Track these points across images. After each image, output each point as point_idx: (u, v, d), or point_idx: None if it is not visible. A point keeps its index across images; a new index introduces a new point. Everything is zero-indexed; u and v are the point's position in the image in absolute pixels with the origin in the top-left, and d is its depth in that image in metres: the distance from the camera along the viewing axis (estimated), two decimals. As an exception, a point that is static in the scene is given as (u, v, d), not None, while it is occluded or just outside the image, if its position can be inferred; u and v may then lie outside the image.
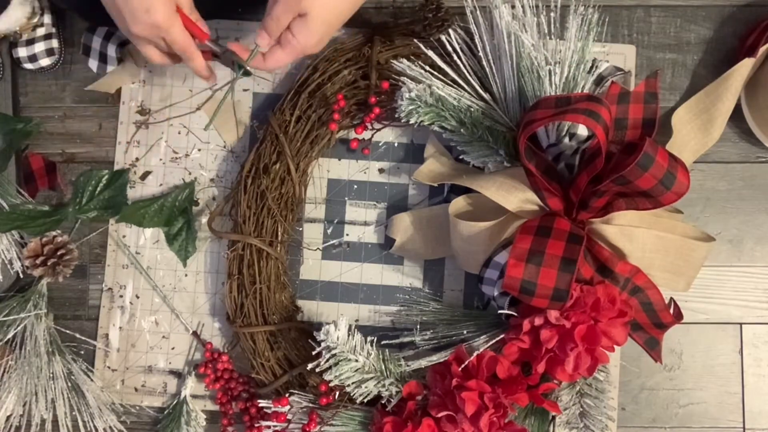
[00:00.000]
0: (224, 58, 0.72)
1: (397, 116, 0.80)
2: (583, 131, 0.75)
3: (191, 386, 0.88)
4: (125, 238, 0.90)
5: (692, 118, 0.84)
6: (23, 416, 0.86)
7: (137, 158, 0.91)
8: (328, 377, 0.77)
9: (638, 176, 0.66)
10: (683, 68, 0.90)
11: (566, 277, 0.69)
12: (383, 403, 0.79)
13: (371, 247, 0.89)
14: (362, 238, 0.89)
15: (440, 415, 0.73)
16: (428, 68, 0.80)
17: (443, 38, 0.81)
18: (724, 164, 0.89)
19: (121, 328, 0.90)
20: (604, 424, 0.79)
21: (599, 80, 0.85)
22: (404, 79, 0.79)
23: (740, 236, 0.89)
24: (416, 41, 0.82)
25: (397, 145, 0.90)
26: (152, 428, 0.89)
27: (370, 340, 0.79)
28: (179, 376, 0.89)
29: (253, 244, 0.84)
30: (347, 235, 0.90)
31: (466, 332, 0.80)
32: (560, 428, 0.81)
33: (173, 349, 0.90)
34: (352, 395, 0.79)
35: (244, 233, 0.84)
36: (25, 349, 0.86)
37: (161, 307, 0.90)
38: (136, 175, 0.91)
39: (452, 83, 0.81)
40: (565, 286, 0.69)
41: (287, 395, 0.81)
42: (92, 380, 0.87)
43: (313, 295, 0.89)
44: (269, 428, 0.80)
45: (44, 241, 0.86)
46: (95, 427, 0.87)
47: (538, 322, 0.72)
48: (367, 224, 0.90)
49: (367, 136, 0.89)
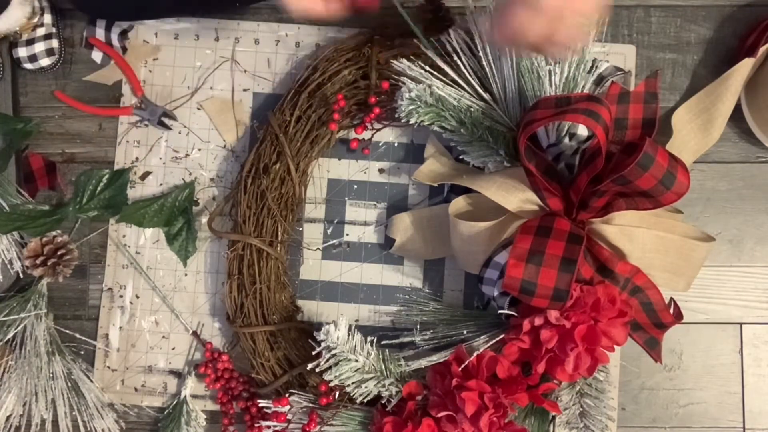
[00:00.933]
0: None
1: (397, 116, 0.80)
2: (583, 131, 0.75)
3: (191, 386, 0.88)
4: (125, 238, 0.90)
5: (692, 118, 0.84)
6: (23, 416, 0.86)
7: (137, 158, 0.91)
8: (328, 377, 0.77)
9: (638, 176, 0.66)
10: (683, 68, 0.90)
11: (566, 277, 0.69)
12: (383, 403, 0.79)
13: (371, 247, 0.89)
14: (362, 238, 0.89)
15: (440, 415, 0.73)
16: (428, 68, 0.80)
17: (443, 39, 0.81)
18: (724, 164, 0.89)
19: (121, 328, 0.90)
20: (604, 424, 0.79)
21: (599, 80, 0.85)
22: (404, 79, 0.79)
23: (740, 236, 0.89)
24: (416, 41, 0.82)
25: (397, 145, 0.90)
26: (152, 428, 0.89)
27: (370, 340, 0.79)
28: (179, 376, 0.89)
29: (253, 244, 0.84)
30: (347, 235, 0.90)
31: (466, 332, 0.80)
32: (560, 428, 0.81)
33: (173, 349, 0.90)
34: (352, 395, 0.78)
35: (244, 233, 0.84)
36: (25, 349, 0.86)
37: (161, 307, 0.90)
38: (136, 175, 0.91)
39: (452, 83, 0.81)
40: (565, 286, 0.69)
41: (287, 395, 0.81)
42: (91, 381, 0.87)
43: (313, 295, 0.89)
44: (269, 428, 0.80)
45: (44, 241, 0.86)
46: (95, 427, 0.87)
47: (538, 322, 0.72)
48: (367, 224, 0.90)
49: (367, 136, 0.89)
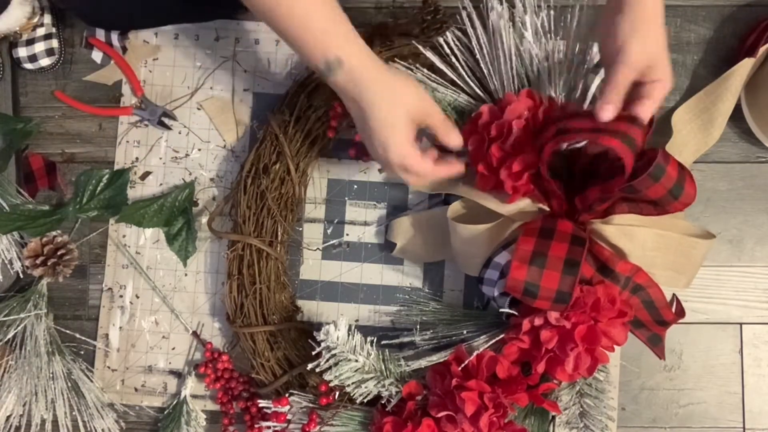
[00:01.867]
0: None
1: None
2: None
3: (191, 386, 0.88)
4: (125, 238, 0.90)
5: (692, 118, 0.84)
6: (23, 416, 0.86)
7: (137, 158, 0.91)
8: (328, 377, 0.77)
9: (649, 186, 0.66)
10: (683, 68, 0.90)
11: (569, 279, 0.69)
12: (383, 403, 0.79)
13: (371, 247, 0.89)
14: (362, 238, 0.89)
15: (440, 415, 0.73)
16: (426, 70, 0.80)
17: (441, 40, 0.81)
18: (724, 164, 0.89)
19: (121, 328, 0.90)
20: (604, 424, 0.79)
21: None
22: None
23: (740, 236, 0.89)
24: (414, 42, 0.82)
25: (397, 145, 0.90)
26: (152, 428, 0.89)
27: (370, 340, 0.79)
28: (179, 376, 0.89)
29: (253, 244, 0.84)
30: (347, 235, 0.90)
31: (466, 332, 0.80)
32: (560, 428, 0.81)
33: (173, 349, 0.90)
34: (352, 395, 0.78)
35: (244, 233, 0.84)
36: (25, 349, 0.86)
37: (161, 307, 0.90)
38: (136, 175, 0.91)
39: (451, 84, 0.80)
40: (567, 288, 0.69)
41: (287, 395, 0.81)
42: (91, 381, 0.87)
43: (313, 295, 0.89)
44: (269, 428, 0.80)
45: (44, 241, 0.86)
46: (95, 427, 0.87)
47: (538, 322, 0.72)
48: (367, 224, 0.90)
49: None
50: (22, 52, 0.89)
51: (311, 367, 0.78)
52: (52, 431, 0.87)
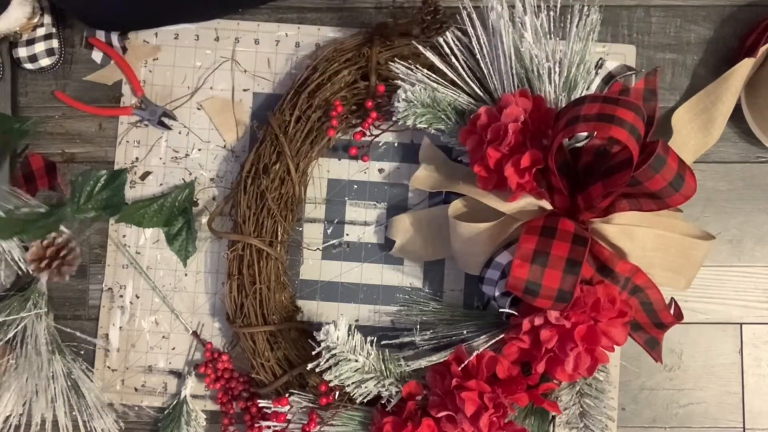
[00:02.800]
0: None
1: (394, 119, 0.80)
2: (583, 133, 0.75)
3: (191, 386, 0.88)
4: (125, 238, 0.90)
5: (692, 118, 0.84)
6: (23, 415, 0.86)
7: (137, 158, 0.91)
8: (328, 377, 0.77)
9: (649, 178, 0.66)
10: (683, 68, 0.90)
11: (571, 278, 0.69)
12: (383, 403, 0.79)
13: (371, 247, 0.89)
14: (362, 238, 0.89)
15: (440, 415, 0.73)
16: (426, 70, 0.80)
17: (441, 40, 0.81)
18: (724, 164, 0.89)
19: (121, 328, 0.90)
20: (604, 424, 0.79)
21: (608, 79, 0.85)
22: (399, 81, 0.79)
23: (740, 236, 0.89)
24: (414, 42, 0.82)
25: (397, 145, 0.90)
26: (152, 428, 0.89)
27: (370, 340, 0.79)
28: (179, 376, 0.89)
29: (253, 244, 0.84)
30: (347, 235, 0.90)
31: (466, 332, 0.80)
32: (560, 428, 0.81)
33: (173, 349, 0.90)
34: (352, 395, 0.78)
35: (244, 233, 0.84)
36: (25, 348, 0.86)
37: (161, 307, 0.90)
38: (136, 175, 0.91)
39: (451, 84, 0.80)
40: (569, 287, 0.69)
41: (287, 395, 0.81)
42: (91, 380, 0.87)
43: (313, 295, 0.89)
44: (269, 428, 0.80)
45: (45, 243, 0.86)
46: (95, 427, 0.87)
47: (538, 322, 0.72)
48: (367, 224, 0.90)
49: (366, 141, 0.89)
50: (22, 52, 0.89)
51: (311, 367, 0.78)
52: (51, 431, 0.87)
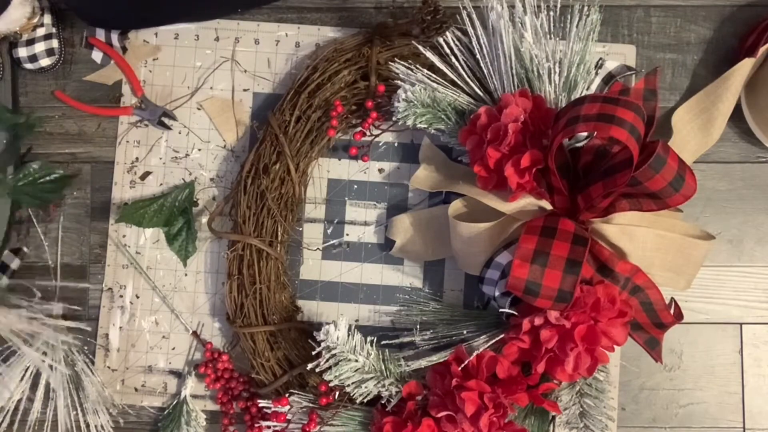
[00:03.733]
0: None
1: (394, 119, 0.80)
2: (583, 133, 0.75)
3: (191, 386, 0.88)
4: (125, 238, 0.90)
5: (692, 118, 0.84)
6: (19, 411, 0.86)
7: (137, 158, 0.91)
8: (328, 377, 0.77)
9: (649, 178, 0.66)
10: (683, 68, 0.90)
11: (571, 278, 0.69)
12: (383, 403, 0.79)
13: (371, 247, 0.89)
14: (362, 238, 0.89)
15: (440, 415, 0.73)
16: (426, 70, 0.80)
17: (441, 40, 0.81)
18: (724, 164, 0.89)
19: (121, 328, 0.90)
20: (604, 424, 0.79)
21: (609, 79, 0.85)
22: (399, 81, 0.80)
23: (740, 236, 0.89)
24: (414, 42, 0.82)
25: (397, 145, 0.90)
26: (152, 428, 0.89)
27: (370, 340, 0.79)
28: (179, 376, 0.89)
29: (252, 244, 0.84)
30: (347, 235, 0.90)
31: (466, 332, 0.80)
32: (560, 428, 0.81)
33: (173, 349, 0.90)
34: (352, 395, 0.78)
35: (244, 233, 0.84)
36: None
37: (161, 307, 0.90)
38: (136, 175, 0.91)
39: (451, 84, 0.80)
40: (569, 287, 0.69)
41: (287, 395, 0.81)
42: (93, 374, 0.87)
43: (313, 295, 0.89)
44: (269, 428, 0.80)
45: None
46: (93, 424, 0.87)
47: (538, 322, 0.72)
48: (367, 224, 0.90)
49: (366, 141, 0.89)
50: (22, 52, 0.89)
51: (311, 367, 0.78)
52: (51, 428, 0.87)
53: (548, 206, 0.76)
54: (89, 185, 0.91)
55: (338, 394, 0.80)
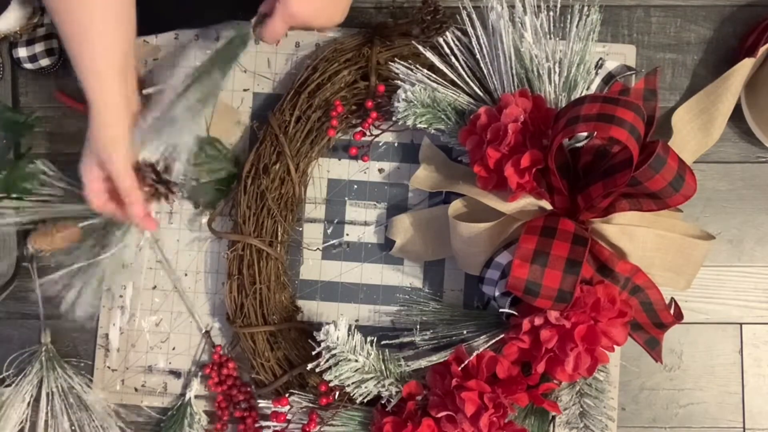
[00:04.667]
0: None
1: (394, 119, 0.80)
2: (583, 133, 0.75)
3: (195, 387, 0.88)
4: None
5: (692, 118, 0.84)
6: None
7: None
8: (328, 377, 0.77)
9: (649, 178, 0.66)
10: (683, 68, 0.90)
11: (571, 279, 0.69)
12: (383, 403, 0.79)
13: (371, 247, 0.89)
14: (362, 238, 0.89)
15: (440, 415, 0.73)
16: (426, 70, 0.80)
17: (441, 40, 0.81)
18: (724, 164, 0.89)
19: (121, 328, 0.90)
20: (604, 424, 0.79)
21: (609, 79, 0.85)
22: (399, 81, 0.80)
23: (740, 236, 0.89)
24: (414, 42, 0.82)
25: (397, 145, 0.90)
26: (153, 428, 0.89)
27: (370, 340, 0.79)
28: (179, 376, 0.89)
29: (253, 244, 0.84)
30: (347, 235, 0.90)
31: (466, 332, 0.80)
32: (560, 428, 0.81)
33: (173, 349, 0.90)
34: (352, 395, 0.79)
35: (244, 233, 0.84)
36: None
37: (161, 307, 0.90)
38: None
39: (451, 84, 0.80)
40: (569, 287, 0.69)
41: (287, 395, 0.81)
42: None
43: (313, 295, 0.89)
44: (269, 428, 0.80)
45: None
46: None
47: (537, 322, 0.72)
48: (367, 224, 0.90)
49: (366, 141, 0.89)
50: (22, 52, 0.89)
51: (311, 367, 0.78)
52: None
53: (548, 206, 0.76)
54: (89, 185, 0.91)
55: (338, 394, 0.80)
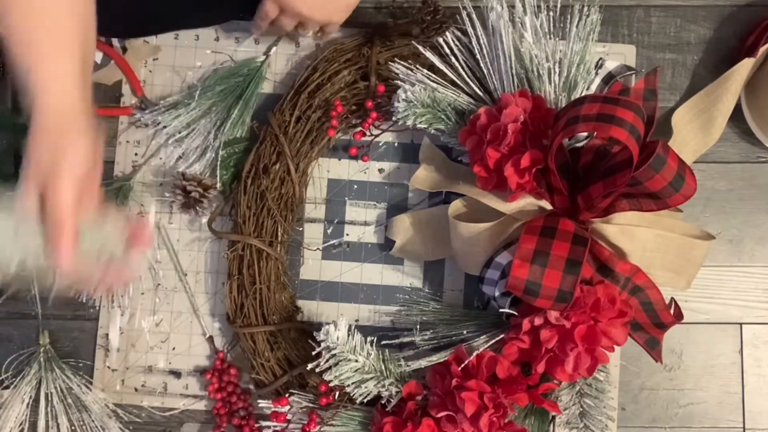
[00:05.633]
0: None
1: (394, 119, 0.80)
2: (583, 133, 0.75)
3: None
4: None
5: (692, 118, 0.84)
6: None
7: (136, 154, 0.91)
8: (328, 377, 0.77)
9: (649, 178, 0.66)
10: (683, 68, 0.90)
11: (571, 279, 0.69)
12: (383, 403, 0.79)
13: (371, 247, 0.89)
14: (362, 238, 0.89)
15: (440, 415, 0.73)
16: (426, 70, 0.80)
17: (441, 40, 0.81)
18: (724, 164, 0.89)
19: (121, 328, 0.90)
20: (604, 424, 0.79)
21: (608, 79, 0.85)
22: (399, 81, 0.79)
23: (740, 236, 0.89)
24: (414, 42, 0.82)
25: (397, 145, 0.90)
26: (153, 429, 0.89)
27: (370, 340, 0.79)
28: (179, 376, 0.89)
29: (253, 244, 0.84)
30: (347, 235, 0.90)
31: (466, 332, 0.80)
32: (560, 428, 0.81)
33: (173, 349, 0.90)
34: (352, 395, 0.79)
35: (244, 233, 0.84)
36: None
37: (161, 307, 0.90)
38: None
39: (451, 84, 0.80)
40: (569, 287, 0.69)
41: (287, 395, 0.81)
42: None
43: (313, 295, 0.89)
44: (269, 428, 0.80)
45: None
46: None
47: (537, 322, 0.72)
48: (367, 224, 0.90)
49: (366, 141, 0.89)
50: (22, 52, 0.89)
51: (311, 367, 0.78)
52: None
53: (548, 206, 0.76)
54: (89, 185, 0.91)
55: (338, 394, 0.80)
